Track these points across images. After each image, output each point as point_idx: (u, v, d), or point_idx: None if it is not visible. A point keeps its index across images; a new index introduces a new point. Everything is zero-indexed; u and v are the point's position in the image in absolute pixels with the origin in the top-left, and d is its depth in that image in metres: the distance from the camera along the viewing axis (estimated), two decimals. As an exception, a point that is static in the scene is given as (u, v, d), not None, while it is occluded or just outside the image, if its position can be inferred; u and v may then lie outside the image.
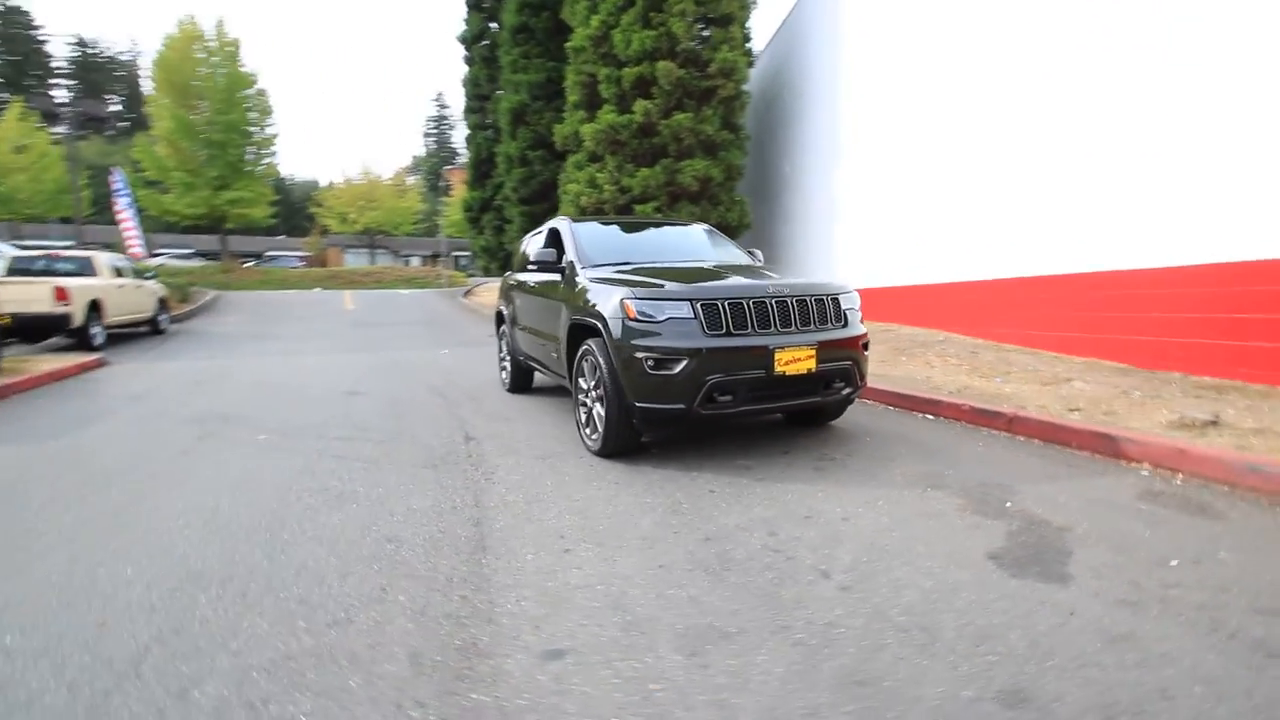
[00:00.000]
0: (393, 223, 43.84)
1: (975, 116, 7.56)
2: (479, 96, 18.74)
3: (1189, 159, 5.07)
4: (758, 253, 5.41)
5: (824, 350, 3.60)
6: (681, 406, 3.44)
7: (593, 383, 3.90)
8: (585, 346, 3.97)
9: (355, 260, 45.99)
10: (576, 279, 4.41)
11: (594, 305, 3.87)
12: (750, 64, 12.24)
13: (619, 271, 4.21)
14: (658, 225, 5.94)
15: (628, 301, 3.56)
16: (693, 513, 2.89)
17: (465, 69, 19.45)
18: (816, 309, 3.71)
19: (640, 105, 11.80)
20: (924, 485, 3.17)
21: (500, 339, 6.72)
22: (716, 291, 3.54)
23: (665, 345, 3.42)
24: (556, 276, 4.77)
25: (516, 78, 15.46)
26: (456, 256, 49.76)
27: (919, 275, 8.92)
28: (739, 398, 3.49)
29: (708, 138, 12.00)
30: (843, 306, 3.90)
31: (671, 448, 3.97)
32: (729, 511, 2.89)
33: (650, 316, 3.49)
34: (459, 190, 49.66)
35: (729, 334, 3.47)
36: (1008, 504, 2.88)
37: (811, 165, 12.33)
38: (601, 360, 3.70)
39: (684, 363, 3.38)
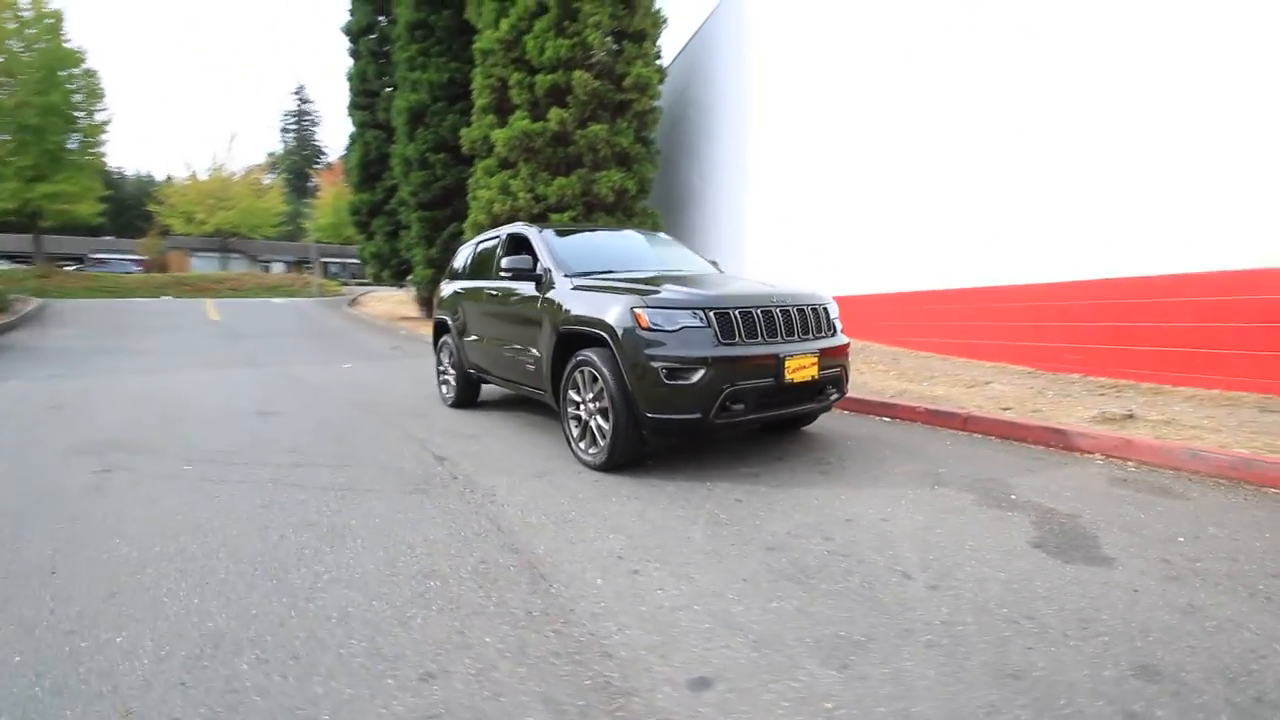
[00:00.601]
0: (250, 225, 39.74)
1: (881, 138, 8.24)
2: (367, 93, 17.49)
3: (1081, 183, 5.87)
4: (718, 262, 5.52)
5: (824, 358, 3.73)
6: (698, 416, 3.41)
7: (591, 394, 3.75)
8: (580, 357, 3.81)
9: (204, 265, 41.12)
10: (556, 287, 4.24)
11: (593, 314, 3.73)
12: (662, 80, 12.51)
13: (608, 280, 4.11)
14: (618, 231, 5.87)
15: (639, 310, 3.47)
16: (736, 523, 2.86)
17: (350, 62, 18.10)
18: (814, 318, 3.85)
19: (555, 114, 11.66)
20: (929, 483, 3.37)
21: (439, 351, 6.29)
22: (728, 301, 3.55)
23: (681, 354, 3.37)
24: (529, 285, 4.56)
25: (415, 76, 14.67)
26: (326, 263, 46.13)
27: (832, 289, 9.55)
28: (750, 406, 3.52)
29: (622, 150, 12.08)
30: (831, 315, 4.08)
31: (662, 460, 3.91)
32: (770, 519, 2.89)
33: (663, 325, 3.42)
34: (330, 192, 46.10)
35: (742, 343, 3.50)
36: (1012, 496, 3.14)
37: (720, 181, 12.81)
38: (606, 371, 3.57)
39: (700, 372, 3.35)
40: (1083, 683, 1.65)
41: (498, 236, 5.51)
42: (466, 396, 5.93)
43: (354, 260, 52.71)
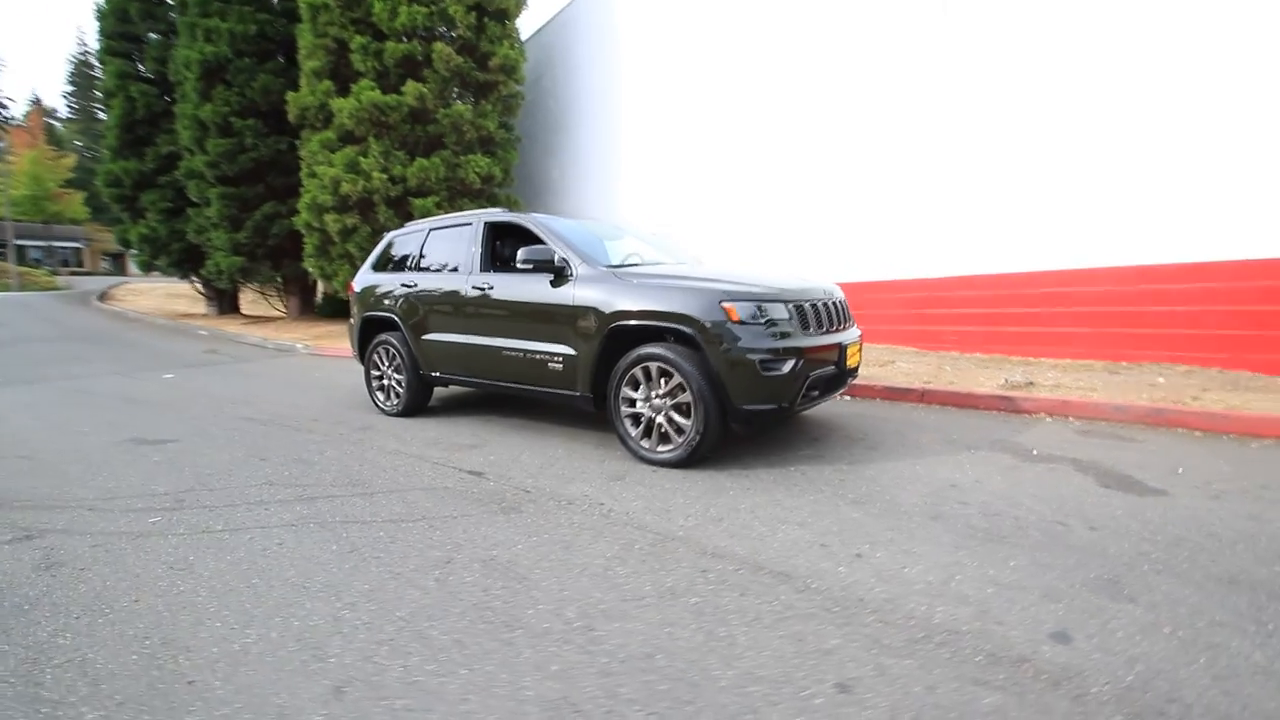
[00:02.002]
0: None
1: (765, 131, 9.01)
2: (127, 36, 13.93)
3: (956, 192, 7.11)
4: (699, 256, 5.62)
5: (861, 344, 4.11)
6: (786, 405, 3.54)
7: (662, 390, 3.66)
8: (643, 353, 3.68)
9: None
10: (585, 280, 4.01)
11: (664, 308, 3.62)
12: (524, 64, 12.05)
13: (648, 271, 4.00)
14: (583, 219, 5.62)
15: (728, 304, 3.48)
16: (870, 499, 3.06)
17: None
18: (845, 308, 4.20)
19: (413, 87, 10.65)
20: (961, 448, 3.93)
21: (372, 354, 5.47)
22: (803, 294, 3.72)
23: (776, 346, 3.46)
24: (541, 279, 4.22)
25: (210, 23, 12.12)
26: (22, 246, 35.96)
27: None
28: (821, 392, 3.75)
29: (487, 134, 11.46)
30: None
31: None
32: (888, 492, 3.14)
33: (754, 318, 3.48)
34: (25, 156, 35.60)
35: (817, 333, 3.71)
36: (1033, 451, 3.82)
37: (586, 172, 12.77)
38: (688, 365, 3.51)
39: (792, 362, 3.48)
40: (1264, 578, 2.18)
41: (466, 224, 4.96)
42: (418, 402, 5.26)
43: (65, 244, 41.58)
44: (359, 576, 2.35)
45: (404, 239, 5.54)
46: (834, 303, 3.98)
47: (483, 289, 4.59)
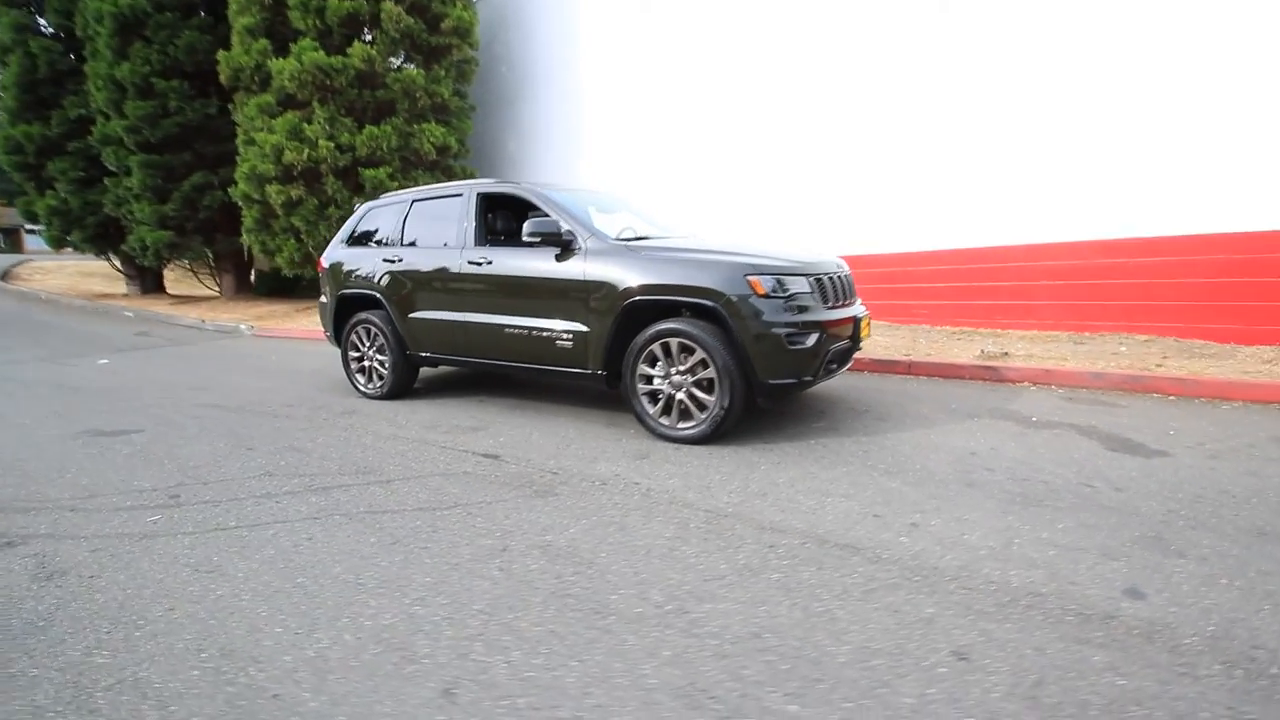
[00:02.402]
0: None
1: (738, 105, 8.94)
2: (20, -18, 12.40)
3: (919, 172, 7.28)
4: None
5: (869, 319, 4.16)
6: (809, 379, 3.56)
7: (683, 366, 3.60)
8: (662, 328, 3.60)
9: None
10: (594, 254, 3.88)
11: (686, 283, 3.55)
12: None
13: (659, 244, 3.91)
14: (578, 189, 5.43)
15: (753, 278, 3.43)
16: (902, 470, 3.11)
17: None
18: (853, 283, 4.23)
19: (359, 49, 10.01)
20: (963, 417, 4.07)
21: (349, 335, 5.15)
22: (819, 268, 3.71)
23: (802, 320, 3.46)
24: (546, 252, 4.06)
25: (123, -29, 10.95)
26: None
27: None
28: (838, 365, 3.79)
29: (441, 101, 10.91)
30: (850, 280, 4.52)
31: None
32: (915, 461, 3.20)
33: (779, 291, 3.45)
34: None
35: (836, 306, 3.72)
36: (1032, 418, 3.99)
37: (547, 144, 12.36)
38: (712, 340, 3.46)
39: (816, 335, 3.49)
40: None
41: (456, 195, 4.70)
42: (404, 384, 5.02)
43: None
44: (415, 569, 2.21)
45: (380, 211, 5.21)
46: (843, 276, 4.01)
47: (479, 264, 4.38)
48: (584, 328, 3.94)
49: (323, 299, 5.50)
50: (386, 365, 4.96)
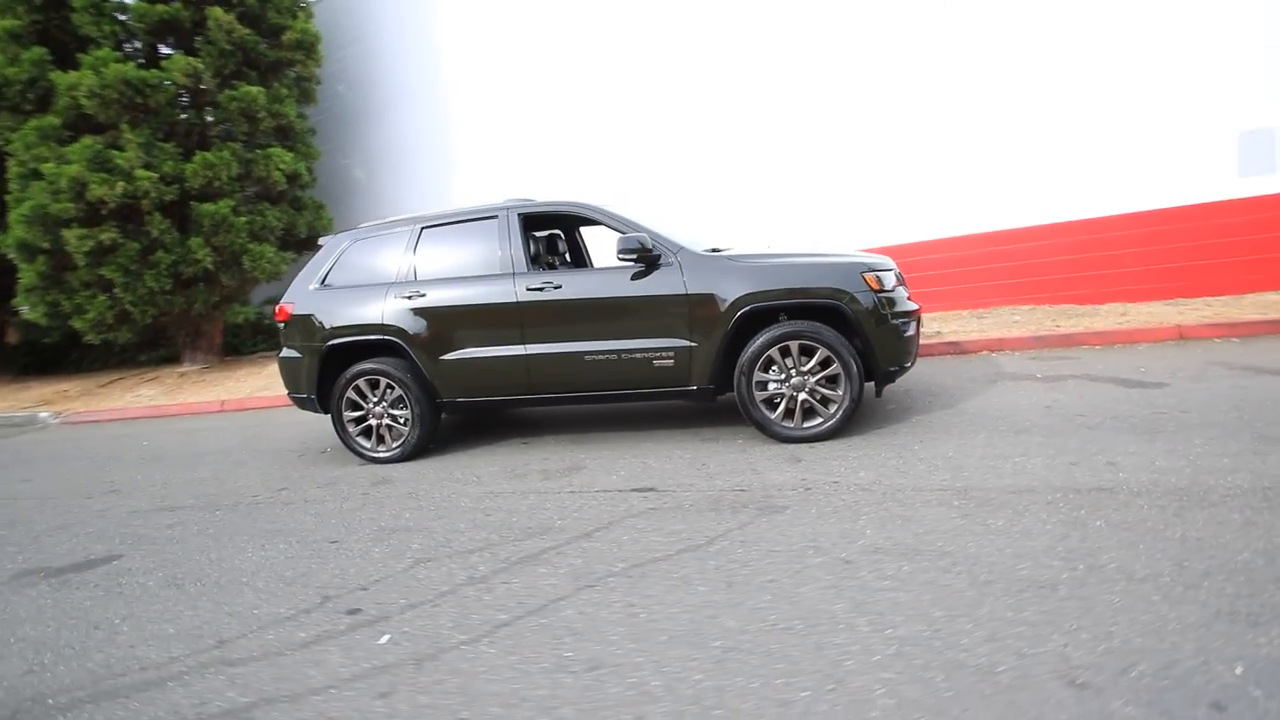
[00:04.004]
0: None
1: (652, 104, 9.17)
2: None
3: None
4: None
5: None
6: (909, 364, 3.87)
7: (805, 368, 3.67)
8: (782, 331, 3.63)
9: None
10: (686, 266, 3.81)
11: (806, 285, 3.66)
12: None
13: (746, 254, 3.95)
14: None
15: (869, 275, 3.65)
16: (1030, 429, 3.53)
17: None
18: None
19: (181, 61, 8.42)
20: (994, 382, 4.69)
21: (344, 391, 4.30)
22: (892, 263, 4.05)
23: (903, 310, 3.76)
24: (626, 270, 3.87)
25: None
26: None
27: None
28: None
29: (286, 123, 9.57)
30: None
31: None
32: (1026, 419, 3.65)
33: (887, 287, 3.71)
34: None
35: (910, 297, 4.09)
36: (1038, 375, 4.75)
37: (401, 170, 11.39)
38: (836, 336, 3.59)
39: (914, 323, 3.82)
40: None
41: (488, 217, 4.20)
42: (428, 440, 4.35)
43: None
44: (836, 602, 1.99)
45: (367, 245, 4.45)
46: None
47: (540, 289, 3.99)
48: (688, 343, 3.81)
49: (287, 354, 4.51)
50: (407, 420, 4.24)
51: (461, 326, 4.13)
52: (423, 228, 4.34)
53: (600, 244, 4.82)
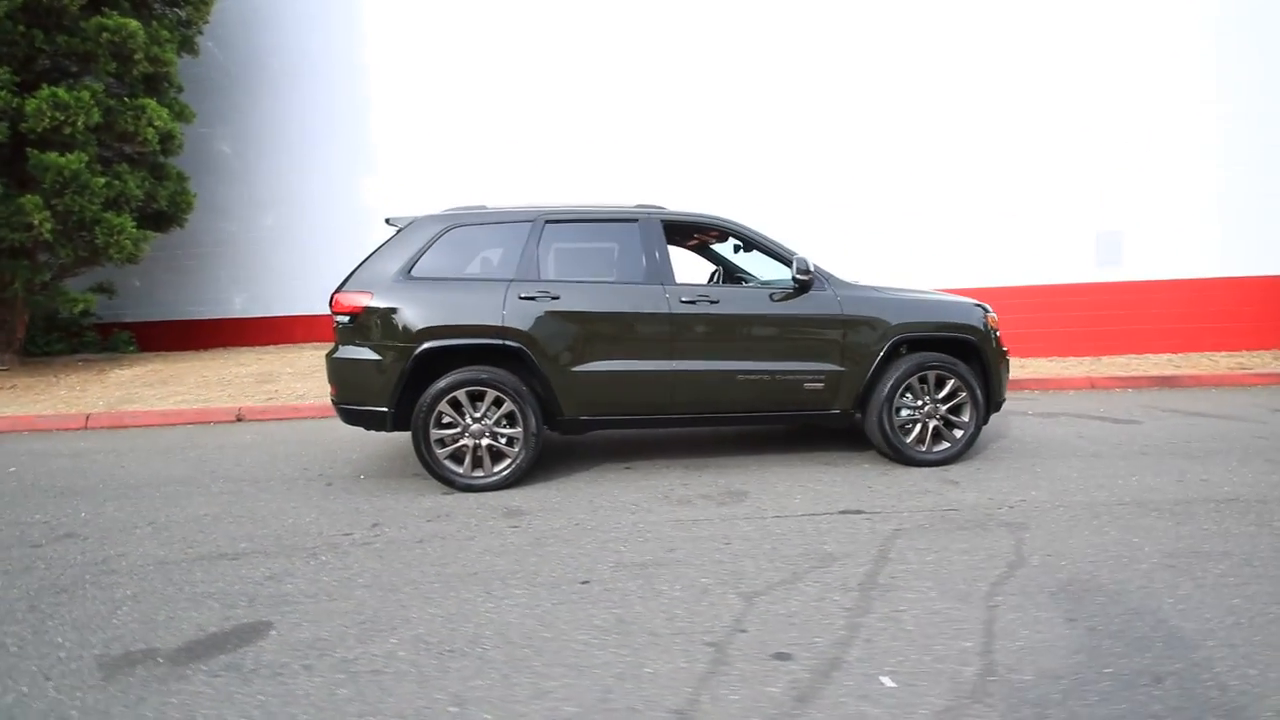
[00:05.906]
0: None
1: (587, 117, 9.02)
2: None
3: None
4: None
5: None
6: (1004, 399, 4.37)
7: (940, 395, 3.95)
8: (923, 359, 3.90)
9: None
10: (839, 291, 3.94)
11: (950, 320, 4.01)
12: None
13: (878, 286, 4.16)
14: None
15: (989, 316, 4.08)
16: (1095, 454, 4.20)
17: None
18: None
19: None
20: (1025, 418, 5.47)
21: (436, 403, 3.57)
22: (978, 304, 4.57)
23: (1004, 347, 4.27)
24: (775, 290, 3.88)
25: None
26: None
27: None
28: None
29: (163, 69, 7.75)
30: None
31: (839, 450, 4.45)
32: (1081, 443, 4.35)
33: (992, 324, 4.18)
34: None
35: (989, 336, 4.64)
36: (1028, 413, 5.63)
37: (284, 158, 9.77)
38: (966, 368, 3.95)
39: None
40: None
41: (628, 219, 3.85)
42: (535, 461, 3.78)
43: None
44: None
45: (475, 232, 3.79)
46: None
47: (694, 302, 3.76)
48: (837, 367, 3.88)
49: (354, 355, 3.61)
50: (513, 440, 3.64)
51: (602, 336, 3.70)
52: (546, 220, 3.84)
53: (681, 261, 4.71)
